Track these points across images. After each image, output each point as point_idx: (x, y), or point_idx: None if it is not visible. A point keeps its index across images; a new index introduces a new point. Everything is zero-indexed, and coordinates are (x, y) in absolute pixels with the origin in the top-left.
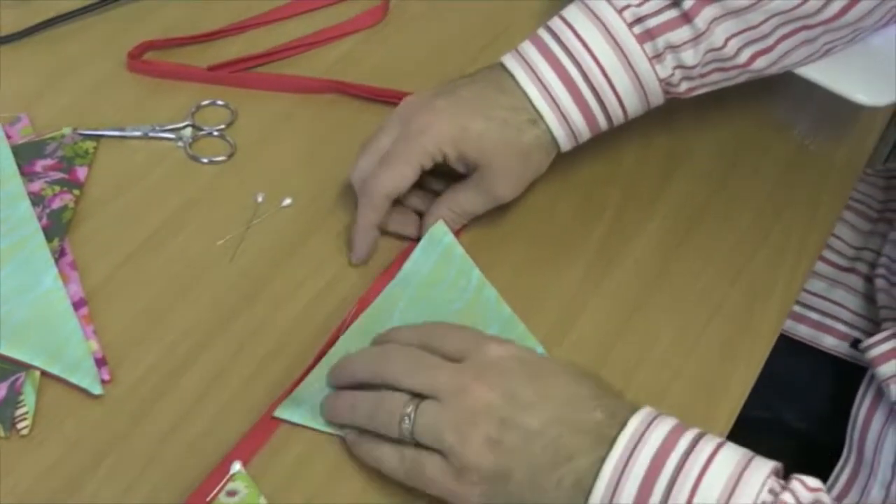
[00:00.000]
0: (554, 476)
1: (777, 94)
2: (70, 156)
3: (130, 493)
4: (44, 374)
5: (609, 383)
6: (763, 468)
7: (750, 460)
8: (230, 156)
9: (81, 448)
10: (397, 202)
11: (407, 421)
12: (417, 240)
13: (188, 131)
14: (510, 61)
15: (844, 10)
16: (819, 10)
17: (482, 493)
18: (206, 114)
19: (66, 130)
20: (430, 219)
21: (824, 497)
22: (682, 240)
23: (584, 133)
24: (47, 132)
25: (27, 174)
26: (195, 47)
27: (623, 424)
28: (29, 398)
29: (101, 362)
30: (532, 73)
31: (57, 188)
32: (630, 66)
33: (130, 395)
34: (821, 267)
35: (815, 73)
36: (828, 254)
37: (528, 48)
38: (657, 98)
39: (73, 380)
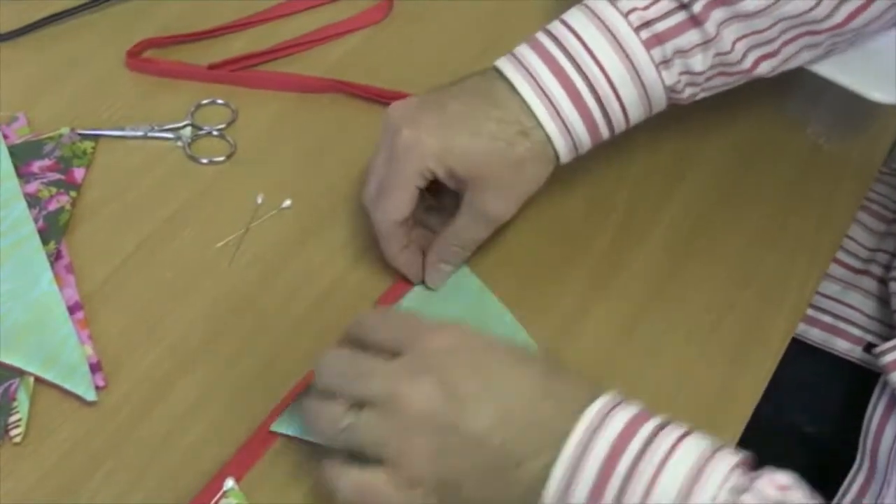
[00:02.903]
0: (504, 480)
1: (790, 92)
2: (68, 156)
3: (124, 502)
4: (38, 380)
5: (562, 363)
6: (725, 462)
7: (714, 453)
8: (230, 156)
9: (75, 456)
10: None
11: (348, 433)
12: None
13: (188, 131)
14: (507, 67)
15: (853, 16)
16: (828, 16)
17: (438, 501)
18: (206, 113)
19: (65, 130)
20: (433, 256)
21: (793, 496)
22: (691, 242)
23: (586, 144)
24: (45, 132)
25: (24, 175)
26: (195, 45)
27: (576, 416)
28: (23, 405)
29: (95, 368)
30: (533, 80)
31: (53, 190)
32: (637, 74)
33: (125, 401)
34: (834, 269)
35: (829, 69)
36: (841, 255)
37: (528, 53)
38: (660, 105)
39: (68, 386)
